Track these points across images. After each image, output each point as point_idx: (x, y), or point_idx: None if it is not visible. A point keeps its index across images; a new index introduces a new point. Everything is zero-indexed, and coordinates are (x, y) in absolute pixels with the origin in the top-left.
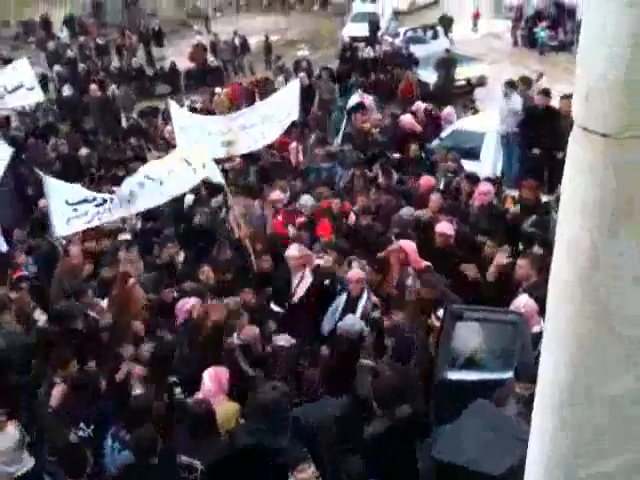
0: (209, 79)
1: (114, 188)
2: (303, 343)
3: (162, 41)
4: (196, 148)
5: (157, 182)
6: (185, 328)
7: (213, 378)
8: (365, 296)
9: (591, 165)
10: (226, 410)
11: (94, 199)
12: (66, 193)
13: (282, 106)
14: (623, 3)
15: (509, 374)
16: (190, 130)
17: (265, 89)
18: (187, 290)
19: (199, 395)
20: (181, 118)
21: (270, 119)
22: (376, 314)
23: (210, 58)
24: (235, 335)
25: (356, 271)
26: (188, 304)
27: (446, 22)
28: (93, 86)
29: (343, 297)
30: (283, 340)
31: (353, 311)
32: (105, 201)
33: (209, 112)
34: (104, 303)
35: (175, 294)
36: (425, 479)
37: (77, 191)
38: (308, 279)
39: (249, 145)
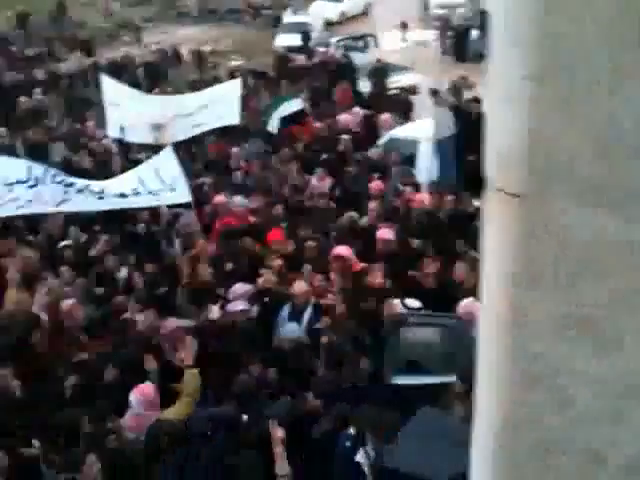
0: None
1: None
2: None
3: (92, 52)
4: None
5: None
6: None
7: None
8: (310, 307)
9: (504, 224)
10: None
11: (28, 180)
12: (5, 170)
13: (219, 101)
14: (520, 75)
15: (453, 377)
16: (120, 105)
17: None
18: None
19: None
20: (112, 92)
21: (205, 109)
22: (321, 324)
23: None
24: None
25: (300, 283)
26: None
27: None
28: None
29: (286, 308)
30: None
31: (298, 321)
32: (35, 185)
33: None
34: None
35: None
36: None
37: (17, 168)
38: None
39: (179, 133)
